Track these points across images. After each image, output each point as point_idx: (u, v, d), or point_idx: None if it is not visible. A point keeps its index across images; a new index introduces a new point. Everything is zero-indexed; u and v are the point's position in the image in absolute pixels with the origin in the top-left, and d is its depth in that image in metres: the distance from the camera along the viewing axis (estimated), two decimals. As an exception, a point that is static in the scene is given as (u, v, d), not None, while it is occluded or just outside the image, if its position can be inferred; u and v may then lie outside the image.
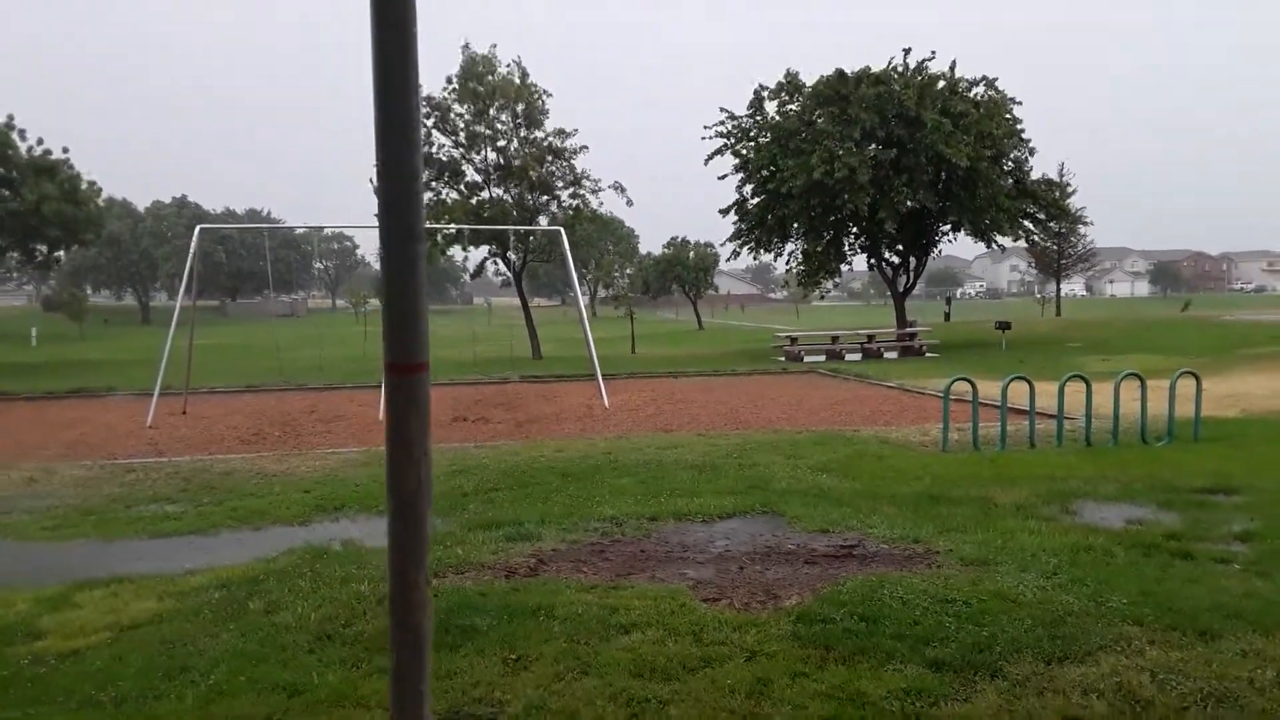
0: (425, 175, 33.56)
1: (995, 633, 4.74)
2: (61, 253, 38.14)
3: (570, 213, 31.91)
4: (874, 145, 28.53)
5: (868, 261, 34.23)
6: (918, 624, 4.89)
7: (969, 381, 11.47)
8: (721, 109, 31.03)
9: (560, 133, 31.23)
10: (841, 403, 16.60)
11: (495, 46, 31.83)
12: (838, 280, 35.32)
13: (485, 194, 33.02)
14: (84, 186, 34.80)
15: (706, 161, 30.71)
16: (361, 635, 4.85)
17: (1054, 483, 8.73)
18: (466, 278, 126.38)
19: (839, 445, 11.09)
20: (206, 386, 20.48)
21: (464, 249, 32.50)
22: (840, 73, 29.18)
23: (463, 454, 11.13)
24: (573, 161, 32.35)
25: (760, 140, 30.52)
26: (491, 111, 30.89)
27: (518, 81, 29.90)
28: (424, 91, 31.21)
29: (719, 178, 31.44)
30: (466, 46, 30.30)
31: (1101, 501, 7.98)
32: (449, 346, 38.85)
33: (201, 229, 16.97)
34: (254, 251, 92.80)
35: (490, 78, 30.22)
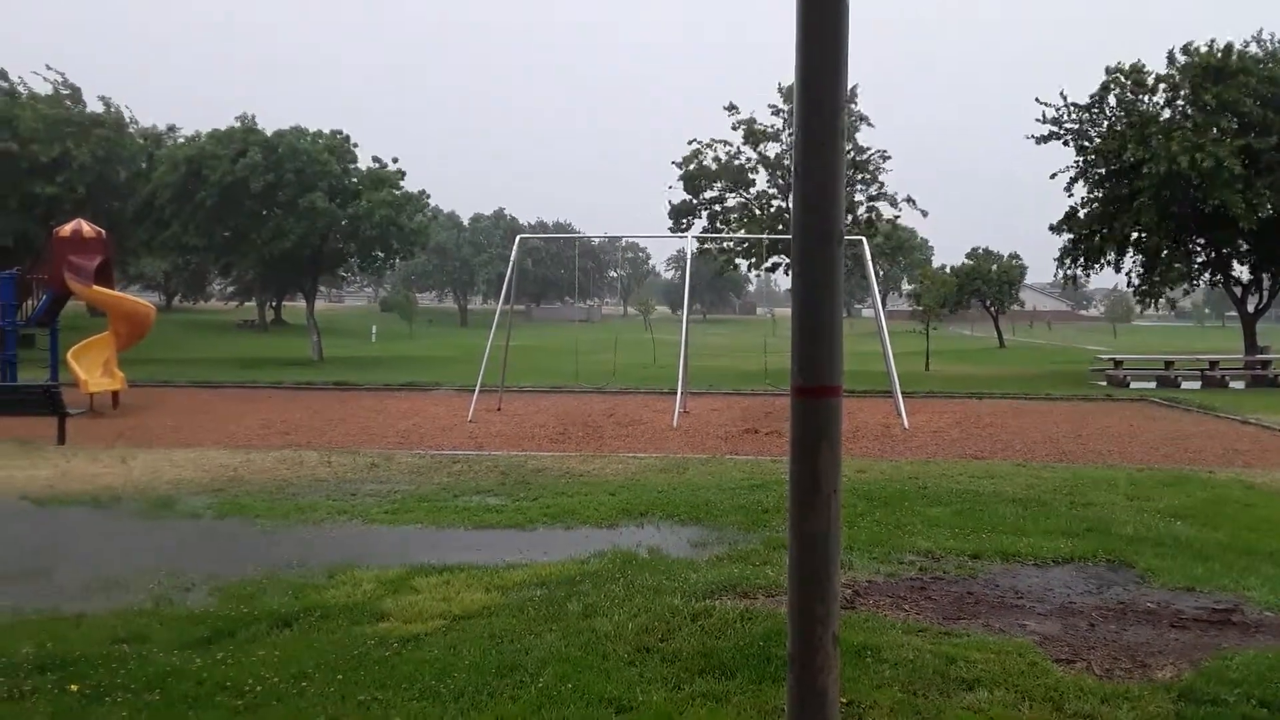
0: (718, 187, 34.65)
1: None
2: (397, 260, 42.65)
3: (864, 224, 31.47)
4: (1251, 134, 24.41)
5: (1210, 277, 29.98)
6: (1340, 720, 3.98)
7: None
8: (1048, 98, 28.18)
9: (859, 149, 32.74)
10: (1185, 438, 14.57)
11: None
12: (1188, 289, 30.84)
13: (780, 202, 33.26)
14: (416, 196, 38.79)
15: (1038, 142, 28.16)
16: (679, 653, 4.71)
17: None
18: (750, 287, 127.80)
19: (1193, 488, 9.64)
20: (516, 386, 21.89)
21: (759, 259, 33.12)
22: (1210, 51, 25.50)
23: (759, 467, 10.93)
24: (880, 178, 32.80)
25: (1105, 128, 27.47)
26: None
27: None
28: (743, 111, 32.95)
29: (1050, 176, 28.66)
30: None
31: None
32: (736, 355, 39.11)
33: (521, 239, 18.17)
34: (555, 260, 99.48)
35: None
